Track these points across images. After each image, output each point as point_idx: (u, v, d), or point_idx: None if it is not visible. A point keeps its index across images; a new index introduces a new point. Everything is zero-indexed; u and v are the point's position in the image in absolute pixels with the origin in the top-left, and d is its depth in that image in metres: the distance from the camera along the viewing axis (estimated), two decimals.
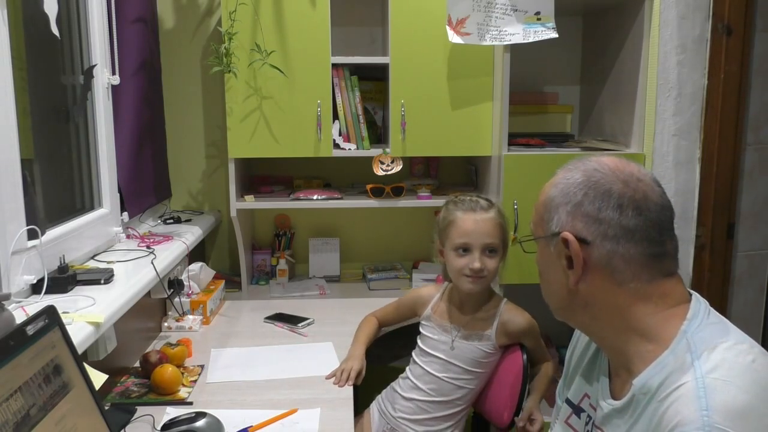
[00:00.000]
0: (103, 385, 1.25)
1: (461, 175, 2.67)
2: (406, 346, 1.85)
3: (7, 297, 1.23)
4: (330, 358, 1.80)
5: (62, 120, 1.80)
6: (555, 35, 2.08)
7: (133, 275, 1.64)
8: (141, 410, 1.47)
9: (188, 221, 2.36)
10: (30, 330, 0.95)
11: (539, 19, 2.08)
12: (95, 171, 1.92)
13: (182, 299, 2.03)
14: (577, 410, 1.08)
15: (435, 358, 1.74)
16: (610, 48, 2.36)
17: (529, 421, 1.67)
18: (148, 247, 1.91)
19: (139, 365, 1.67)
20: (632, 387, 0.90)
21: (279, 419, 1.44)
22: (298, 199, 2.31)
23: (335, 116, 2.25)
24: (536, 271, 1.06)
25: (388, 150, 2.26)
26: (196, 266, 2.12)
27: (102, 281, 1.54)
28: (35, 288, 1.42)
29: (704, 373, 0.81)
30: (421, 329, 1.81)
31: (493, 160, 2.24)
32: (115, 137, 1.97)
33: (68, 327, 1.10)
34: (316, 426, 1.43)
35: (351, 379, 1.65)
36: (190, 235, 2.13)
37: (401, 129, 2.22)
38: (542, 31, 2.08)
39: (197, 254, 2.34)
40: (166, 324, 2.00)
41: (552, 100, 2.61)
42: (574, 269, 0.94)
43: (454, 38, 2.09)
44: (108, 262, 1.72)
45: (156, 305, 1.97)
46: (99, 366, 1.31)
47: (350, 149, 2.26)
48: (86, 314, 1.32)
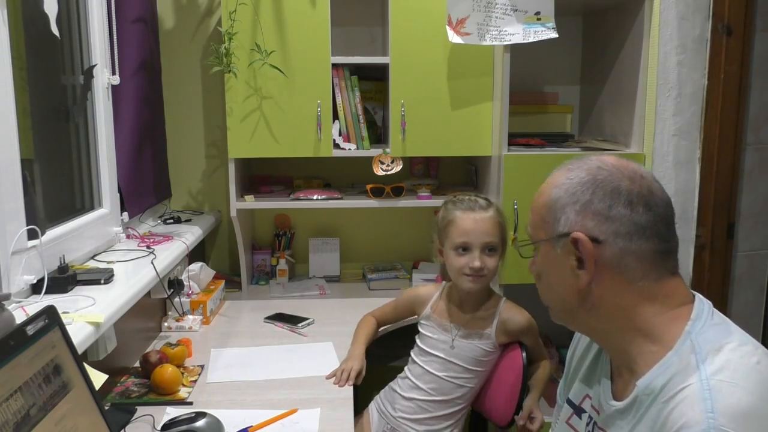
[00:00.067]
0: (103, 385, 1.24)
1: (461, 175, 2.67)
2: (406, 346, 1.85)
3: (7, 297, 1.23)
4: (330, 358, 1.80)
5: (62, 120, 1.80)
6: (555, 35, 2.08)
7: (133, 275, 1.64)
8: (141, 410, 1.47)
9: (188, 221, 2.36)
10: (30, 330, 0.95)
11: (539, 19, 2.08)
12: (95, 171, 1.92)
13: (182, 299, 2.03)
14: (578, 411, 1.08)
15: (435, 358, 1.74)
16: (610, 48, 2.36)
17: (529, 420, 1.68)
18: (148, 247, 1.91)
19: (139, 365, 1.67)
20: (635, 388, 0.89)
21: (279, 419, 1.45)
22: (298, 199, 2.31)
23: (335, 116, 2.25)
24: None
25: (388, 150, 2.26)
26: (196, 266, 2.12)
27: (102, 281, 1.54)
28: (35, 288, 1.42)
29: (709, 375, 0.81)
30: (420, 329, 1.81)
31: (493, 160, 2.24)
32: (115, 137, 1.97)
33: (68, 327, 1.10)
34: (316, 426, 1.43)
35: (351, 379, 1.66)
36: (190, 235, 2.13)
37: (401, 129, 2.22)
38: (542, 31, 2.08)
39: (197, 254, 2.34)
40: (166, 324, 2.00)
41: (552, 100, 2.61)
42: (587, 269, 0.92)
43: (454, 38, 2.09)
44: (108, 262, 1.72)
45: (156, 305, 1.97)
46: (99, 366, 1.31)
47: (350, 149, 2.26)
48: (86, 314, 1.32)
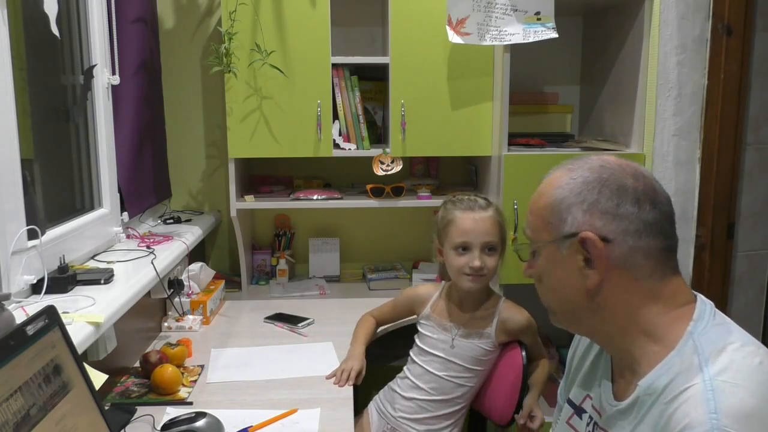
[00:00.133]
0: (103, 385, 1.24)
1: (461, 175, 2.67)
2: (406, 346, 1.85)
3: (7, 297, 1.23)
4: (330, 358, 1.80)
5: (62, 120, 1.80)
6: (555, 35, 2.08)
7: (133, 275, 1.64)
8: (141, 410, 1.47)
9: (188, 221, 2.36)
10: (30, 330, 0.95)
11: (539, 19, 2.08)
12: (95, 171, 1.92)
13: (182, 299, 2.03)
14: (579, 411, 1.08)
15: (435, 357, 1.74)
16: (610, 48, 2.36)
17: (530, 418, 1.69)
18: (148, 247, 1.91)
19: (139, 365, 1.67)
20: (637, 388, 0.89)
21: (279, 419, 1.44)
22: (298, 199, 2.31)
23: (335, 116, 2.25)
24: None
25: (388, 150, 2.26)
26: (196, 266, 2.12)
27: (102, 281, 1.54)
28: (35, 288, 1.42)
29: (712, 376, 0.81)
30: (420, 328, 1.81)
31: (493, 160, 2.24)
32: (115, 137, 1.97)
33: (68, 327, 1.10)
34: (316, 426, 1.43)
35: (351, 379, 1.66)
36: (190, 235, 2.13)
37: (401, 129, 2.22)
38: (542, 31, 2.08)
39: (197, 254, 2.34)
40: (166, 324, 2.00)
41: (552, 100, 2.61)
42: (597, 269, 0.91)
43: (454, 38, 2.09)
44: (108, 262, 1.72)
45: (156, 305, 1.97)
46: (99, 366, 1.31)
47: (350, 149, 2.26)
48: (86, 314, 1.32)
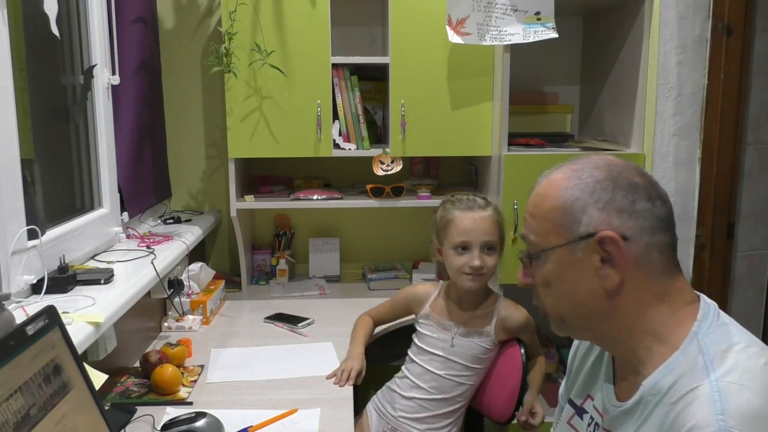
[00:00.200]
0: (103, 385, 1.24)
1: (461, 175, 2.67)
2: (406, 346, 1.85)
3: (7, 297, 1.23)
4: (330, 358, 1.80)
5: (62, 120, 1.80)
6: (555, 35, 2.08)
7: (133, 275, 1.64)
8: (141, 410, 1.47)
9: (188, 221, 2.36)
10: (30, 330, 0.95)
11: (539, 19, 2.08)
12: (95, 171, 1.92)
13: (182, 299, 2.03)
14: (580, 411, 1.08)
15: (435, 356, 1.74)
16: (610, 48, 2.36)
17: (531, 415, 1.70)
18: (148, 247, 1.91)
19: (139, 365, 1.67)
20: (641, 388, 0.89)
21: (279, 419, 1.44)
22: (298, 199, 2.31)
23: (335, 116, 2.25)
24: None
25: (388, 150, 2.26)
26: (196, 266, 2.12)
27: (102, 281, 1.54)
28: (35, 288, 1.42)
29: (719, 377, 0.81)
30: (419, 327, 1.81)
31: (493, 160, 2.24)
32: (115, 137, 1.97)
33: (68, 327, 1.10)
34: (316, 426, 1.43)
35: (351, 379, 1.66)
36: (190, 235, 2.13)
37: (401, 129, 2.22)
38: (542, 31, 2.08)
39: (197, 254, 2.34)
40: (166, 324, 2.00)
41: (552, 100, 2.61)
42: (617, 269, 0.89)
43: (454, 38, 2.09)
44: (108, 262, 1.72)
45: (156, 305, 1.97)
46: (99, 366, 1.31)
47: (350, 149, 2.26)
48: (86, 314, 1.32)
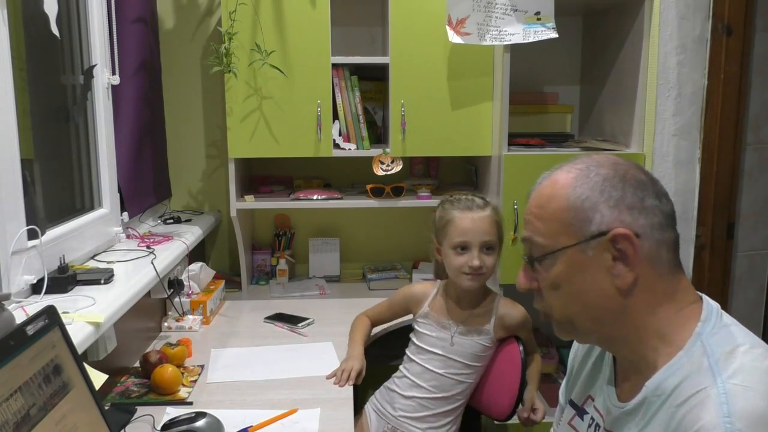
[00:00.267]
0: (103, 385, 1.24)
1: (461, 175, 2.67)
2: (405, 346, 1.85)
3: (7, 297, 1.23)
4: (330, 358, 1.80)
5: (62, 120, 1.80)
6: (555, 35, 2.08)
7: (133, 275, 1.64)
8: (141, 410, 1.47)
9: (188, 221, 2.36)
10: (30, 330, 0.95)
11: (539, 19, 2.08)
12: (95, 171, 1.92)
13: (182, 299, 2.03)
14: (581, 412, 1.07)
15: (434, 355, 1.75)
16: (610, 48, 2.36)
17: (532, 411, 1.72)
18: (148, 247, 1.91)
19: (139, 365, 1.67)
20: (644, 389, 0.88)
21: (279, 419, 1.45)
22: (298, 199, 2.31)
23: (335, 116, 2.25)
24: None
25: (388, 150, 2.26)
26: (196, 266, 2.12)
27: (102, 281, 1.54)
28: (35, 288, 1.42)
29: (725, 379, 0.81)
30: (417, 327, 1.81)
31: (493, 160, 2.24)
32: (115, 137, 1.97)
33: (68, 327, 1.10)
34: (316, 426, 1.43)
35: (351, 379, 1.66)
36: (190, 235, 2.13)
37: (401, 129, 2.22)
38: (542, 31, 2.08)
39: (197, 254, 2.34)
40: (166, 324, 2.00)
41: (552, 100, 2.61)
42: (630, 266, 0.88)
43: (454, 38, 2.08)
44: (108, 262, 1.72)
45: (156, 305, 1.97)
46: (99, 366, 1.31)
47: (350, 149, 2.26)
48: (86, 314, 1.32)
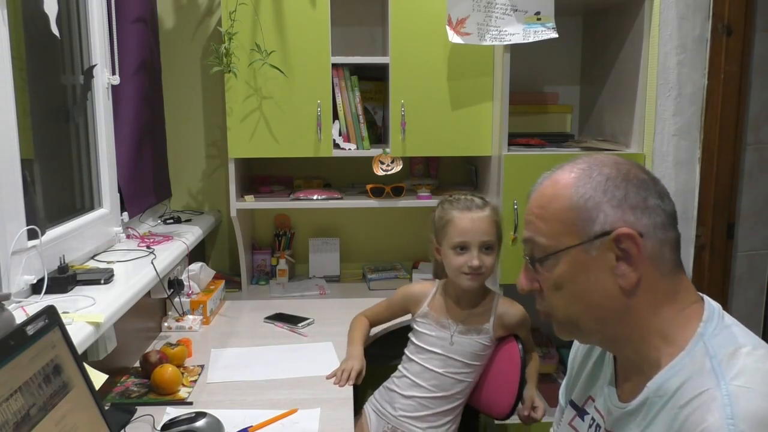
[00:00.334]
0: (103, 385, 1.24)
1: (461, 175, 2.67)
2: (404, 346, 1.85)
3: (7, 297, 1.23)
4: (330, 358, 1.80)
5: (62, 120, 1.80)
6: (555, 35, 2.08)
7: (133, 275, 1.64)
8: (141, 410, 1.47)
9: (188, 221, 2.36)
10: (30, 330, 0.95)
11: (539, 19, 2.08)
12: (95, 171, 1.92)
13: (182, 299, 2.03)
14: (581, 413, 1.07)
15: (434, 355, 1.75)
16: (610, 48, 2.36)
17: (532, 409, 1.72)
18: (148, 247, 1.91)
19: (139, 365, 1.67)
20: (646, 389, 0.88)
21: (279, 419, 1.45)
22: (298, 199, 2.31)
23: (335, 116, 2.25)
24: None
25: (388, 150, 2.26)
26: (196, 266, 2.12)
27: (102, 281, 1.54)
28: (35, 288, 1.42)
29: (728, 381, 0.80)
30: (416, 326, 1.81)
31: (493, 160, 2.24)
32: (115, 137, 1.97)
33: (68, 327, 1.10)
34: (316, 426, 1.43)
35: (351, 379, 1.66)
36: (190, 235, 2.13)
37: (401, 129, 2.22)
38: (542, 31, 2.08)
39: (197, 254, 2.34)
40: (166, 324, 2.00)
41: (552, 100, 2.60)
42: (634, 266, 0.87)
43: (454, 38, 2.08)
44: (108, 262, 1.72)
45: (156, 305, 1.97)
46: (99, 366, 1.31)
47: (350, 149, 2.26)
48: (86, 314, 1.32)
